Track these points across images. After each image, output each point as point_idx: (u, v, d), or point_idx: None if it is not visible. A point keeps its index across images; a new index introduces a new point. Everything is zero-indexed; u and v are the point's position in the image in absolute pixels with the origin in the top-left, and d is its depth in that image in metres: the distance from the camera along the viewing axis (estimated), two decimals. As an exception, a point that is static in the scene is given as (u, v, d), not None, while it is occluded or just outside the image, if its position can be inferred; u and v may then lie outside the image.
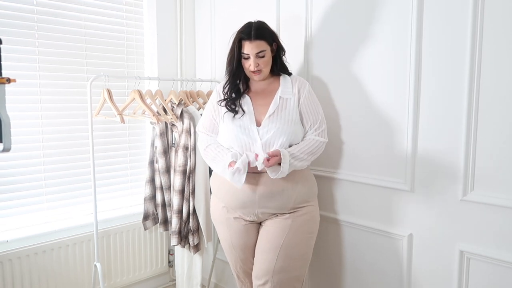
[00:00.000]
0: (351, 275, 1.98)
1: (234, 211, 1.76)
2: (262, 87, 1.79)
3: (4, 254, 2.04)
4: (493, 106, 1.48)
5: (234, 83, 1.76)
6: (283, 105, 1.71)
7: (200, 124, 1.88)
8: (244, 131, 1.68)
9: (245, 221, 1.76)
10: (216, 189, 1.83)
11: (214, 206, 1.86)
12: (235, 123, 1.70)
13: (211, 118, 1.82)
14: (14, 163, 2.14)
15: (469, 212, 1.57)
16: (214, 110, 1.81)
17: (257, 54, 1.67)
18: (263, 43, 1.68)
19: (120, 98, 2.35)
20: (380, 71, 1.77)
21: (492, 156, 1.50)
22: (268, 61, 1.71)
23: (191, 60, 2.75)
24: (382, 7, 1.74)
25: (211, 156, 1.75)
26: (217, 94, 1.83)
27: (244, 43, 1.68)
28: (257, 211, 1.70)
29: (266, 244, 1.71)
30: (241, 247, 1.79)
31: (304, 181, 1.73)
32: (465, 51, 1.51)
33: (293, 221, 1.69)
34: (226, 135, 1.72)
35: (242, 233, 1.77)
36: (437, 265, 1.69)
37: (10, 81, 1.19)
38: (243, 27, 1.71)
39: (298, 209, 1.71)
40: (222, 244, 1.87)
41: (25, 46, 2.13)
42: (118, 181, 2.56)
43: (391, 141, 1.76)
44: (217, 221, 1.86)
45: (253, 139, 1.66)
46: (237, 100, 1.74)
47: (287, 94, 1.73)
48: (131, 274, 2.55)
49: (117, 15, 2.48)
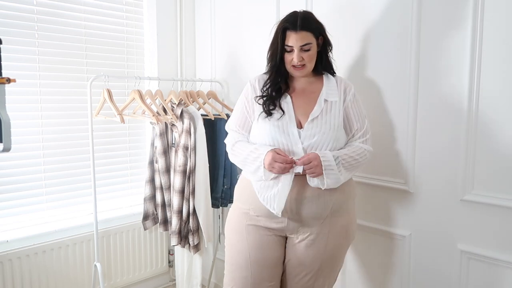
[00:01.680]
0: (351, 275, 1.98)
1: (258, 218, 1.53)
2: (303, 86, 1.59)
3: (4, 254, 2.04)
4: (492, 106, 1.48)
5: (276, 81, 1.56)
6: (328, 108, 1.52)
7: (231, 120, 1.66)
8: (283, 132, 1.48)
9: (270, 231, 1.53)
10: (239, 193, 1.63)
11: (232, 212, 1.64)
12: (272, 123, 1.50)
13: (244, 114, 1.60)
14: (14, 163, 2.13)
15: (469, 212, 1.57)
16: (248, 105, 1.60)
17: (301, 46, 1.47)
18: (309, 35, 1.48)
19: (120, 98, 2.35)
20: (380, 71, 1.77)
21: (492, 156, 1.50)
22: (313, 55, 1.52)
23: (191, 60, 2.75)
24: (382, 8, 1.74)
25: (241, 154, 1.54)
26: (252, 88, 1.61)
27: (289, 34, 1.48)
28: (286, 219, 1.49)
29: (299, 266, 1.54)
30: (260, 264, 1.52)
31: (344, 186, 1.51)
32: (465, 51, 1.51)
33: (328, 240, 1.50)
34: (261, 135, 1.52)
35: (263, 246, 1.52)
36: (437, 265, 1.69)
37: (10, 81, 1.19)
38: (288, 16, 1.51)
39: (334, 219, 1.52)
40: (233, 259, 1.57)
41: (25, 46, 2.13)
42: (118, 181, 2.56)
43: (391, 141, 1.76)
44: (234, 230, 1.59)
45: (293, 142, 1.47)
46: (277, 100, 1.54)
47: (332, 96, 1.54)
48: (131, 274, 2.55)
49: (117, 15, 2.48)
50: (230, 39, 2.49)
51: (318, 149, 1.46)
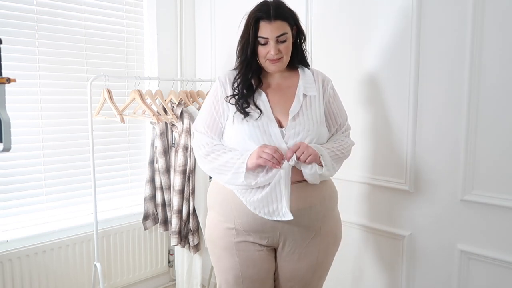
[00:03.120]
0: (351, 275, 1.98)
1: (247, 234, 1.40)
2: (277, 82, 1.48)
3: (4, 254, 2.04)
4: (493, 106, 1.48)
5: (247, 76, 1.43)
6: (308, 104, 1.43)
7: (198, 121, 1.51)
8: (264, 133, 1.36)
9: (260, 246, 1.42)
10: (214, 201, 1.49)
11: (213, 226, 1.48)
12: (251, 124, 1.37)
13: (213, 115, 1.46)
14: (14, 163, 2.13)
15: (469, 212, 1.57)
16: (217, 106, 1.46)
17: (277, 37, 1.35)
18: (284, 25, 1.36)
19: (120, 98, 2.35)
20: (380, 71, 1.77)
21: (492, 156, 1.50)
22: (289, 47, 1.40)
23: (191, 60, 2.75)
24: (382, 8, 1.74)
25: (217, 162, 1.39)
26: (221, 86, 1.47)
27: (262, 25, 1.35)
28: (279, 233, 1.39)
29: (291, 279, 1.46)
30: (252, 279, 1.43)
31: (330, 192, 1.47)
32: (465, 50, 1.51)
33: (320, 250, 1.44)
34: (239, 138, 1.39)
35: (255, 262, 1.41)
36: (437, 265, 1.69)
37: (10, 81, 1.19)
38: (259, 6, 1.38)
39: (324, 227, 1.44)
40: (223, 275, 1.46)
41: (25, 46, 2.13)
42: (118, 181, 2.56)
43: (391, 142, 1.76)
44: (219, 246, 1.45)
45: (276, 142, 1.35)
46: (250, 97, 1.41)
47: (311, 90, 1.44)
48: (131, 274, 2.54)
49: (117, 15, 2.48)
50: (230, 39, 2.49)
51: None
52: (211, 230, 1.50)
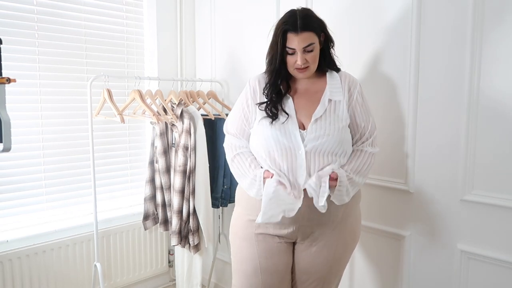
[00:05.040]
0: (351, 275, 1.98)
1: (266, 226, 1.48)
2: (305, 86, 1.52)
3: (4, 254, 2.04)
4: (493, 106, 1.48)
5: (276, 84, 1.48)
6: (332, 108, 1.45)
7: (229, 124, 1.59)
8: (285, 134, 1.42)
9: (280, 238, 1.49)
10: (240, 197, 1.57)
11: (237, 218, 1.58)
12: (274, 126, 1.44)
13: (242, 119, 1.54)
14: (14, 163, 2.13)
15: (469, 212, 1.57)
16: (248, 110, 1.53)
17: (304, 48, 1.40)
18: (311, 35, 1.40)
19: (120, 98, 2.35)
20: (379, 70, 1.77)
21: (492, 156, 1.50)
22: (316, 55, 1.45)
23: (191, 60, 2.75)
24: (382, 7, 1.74)
25: (239, 168, 1.50)
26: (251, 90, 1.54)
27: (290, 36, 1.39)
28: (298, 225, 1.45)
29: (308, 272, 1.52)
30: (271, 271, 1.48)
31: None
32: (465, 50, 1.51)
33: (338, 245, 1.50)
34: (262, 138, 1.45)
35: (274, 254, 1.48)
36: (437, 265, 1.69)
37: (10, 81, 1.19)
38: (287, 17, 1.43)
39: (343, 223, 1.50)
40: (241, 266, 1.52)
41: (25, 46, 2.13)
42: (118, 181, 2.56)
43: (391, 142, 1.76)
44: (240, 237, 1.54)
45: (295, 144, 1.40)
46: (278, 103, 1.46)
47: (336, 95, 1.47)
48: (131, 274, 2.55)
49: (117, 15, 2.48)
50: (230, 39, 2.49)
51: (322, 152, 1.40)
52: (234, 222, 1.59)
